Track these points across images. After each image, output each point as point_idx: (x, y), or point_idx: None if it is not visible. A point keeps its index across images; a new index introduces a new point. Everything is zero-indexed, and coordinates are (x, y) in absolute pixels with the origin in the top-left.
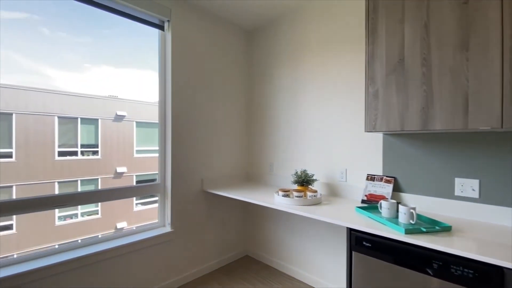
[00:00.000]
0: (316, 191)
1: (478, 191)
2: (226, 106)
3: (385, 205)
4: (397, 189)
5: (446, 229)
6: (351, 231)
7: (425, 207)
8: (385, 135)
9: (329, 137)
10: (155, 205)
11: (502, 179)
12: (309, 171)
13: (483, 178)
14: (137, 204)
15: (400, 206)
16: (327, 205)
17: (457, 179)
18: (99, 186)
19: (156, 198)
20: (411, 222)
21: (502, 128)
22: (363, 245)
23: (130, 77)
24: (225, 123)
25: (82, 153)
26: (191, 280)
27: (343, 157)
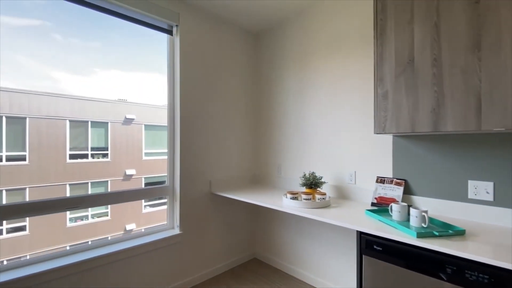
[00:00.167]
0: (325, 194)
1: (492, 194)
2: (233, 108)
3: (395, 208)
4: (408, 192)
5: (459, 233)
6: (361, 234)
7: (437, 210)
8: (394, 136)
9: (337, 139)
10: (163, 207)
11: None
12: (318, 173)
13: (497, 180)
14: (145, 206)
15: (411, 209)
16: (336, 208)
17: (470, 182)
18: (109, 188)
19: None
20: (423, 225)
21: None
22: (373, 248)
23: (138, 81)
24: (233, 125)
25: (92, 155)
26: (199, 283)
27: (352, 159)
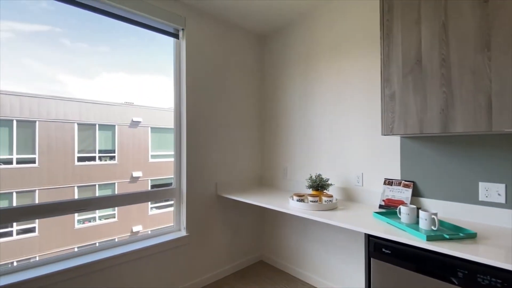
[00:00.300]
0: (331, 196)
1: (504, 196)
2: (239, 110)
3: (404, 210)
4: (417, 194)
5: (471, 236)
6: (369, 237)
7: (446, 212)
8: (402, 138)
9: (344, 140)
10: (168, 209)
11: None
12: (324, 175)
13: (509, 182)
14: (151, 208)
15: (420, 211)
16: (343, 210)
17: (481, 183)
18: (116, 190)
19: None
20: (433, 228)
21: None
22: (382, 252)
23: (145, 83)
24: (239, 128)
25: (100, 158)
26: (205, 285)
27: (359, 161)
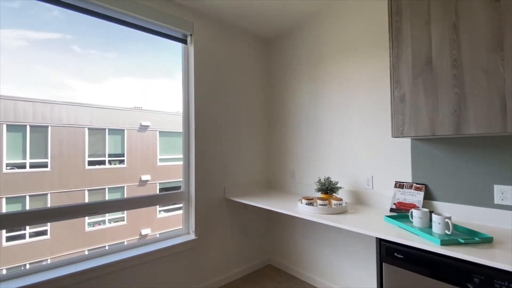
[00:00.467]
0: (341, 199)
1: None
2: (247, 114)
3: (416, 214)
4: (429, 197)
5: (487, 240)
6: (381, 241)
7: (460, 216)
8: (413, 140)
9: (353, 143)
10: (176, 212)
11: None
12: (333, 178)
13: None
14: (160, 211)
15: (433, 215)
16: (353, 214)
17: (496, 186)
18: (125, 193)
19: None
20: (447, 232)
21: None
22: (394, 256)
23: (153, 88)
24: (247, 131)
25: (109, 162)
26: None
27: (369, 163)
